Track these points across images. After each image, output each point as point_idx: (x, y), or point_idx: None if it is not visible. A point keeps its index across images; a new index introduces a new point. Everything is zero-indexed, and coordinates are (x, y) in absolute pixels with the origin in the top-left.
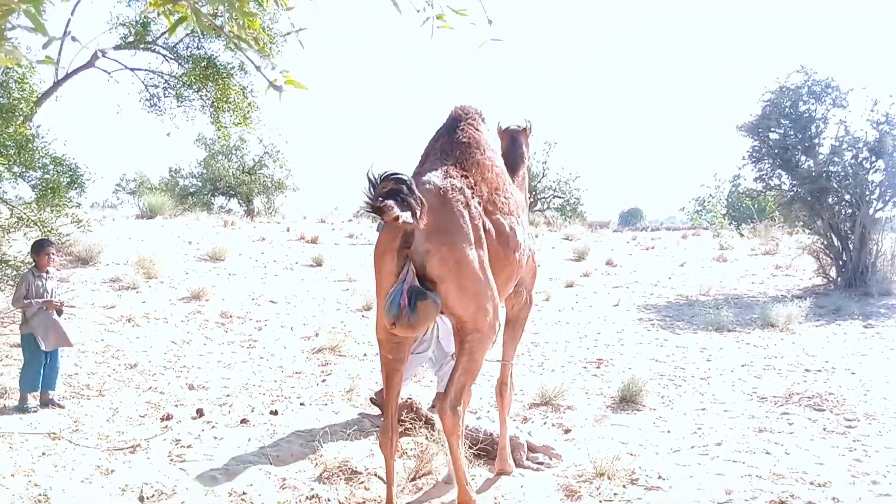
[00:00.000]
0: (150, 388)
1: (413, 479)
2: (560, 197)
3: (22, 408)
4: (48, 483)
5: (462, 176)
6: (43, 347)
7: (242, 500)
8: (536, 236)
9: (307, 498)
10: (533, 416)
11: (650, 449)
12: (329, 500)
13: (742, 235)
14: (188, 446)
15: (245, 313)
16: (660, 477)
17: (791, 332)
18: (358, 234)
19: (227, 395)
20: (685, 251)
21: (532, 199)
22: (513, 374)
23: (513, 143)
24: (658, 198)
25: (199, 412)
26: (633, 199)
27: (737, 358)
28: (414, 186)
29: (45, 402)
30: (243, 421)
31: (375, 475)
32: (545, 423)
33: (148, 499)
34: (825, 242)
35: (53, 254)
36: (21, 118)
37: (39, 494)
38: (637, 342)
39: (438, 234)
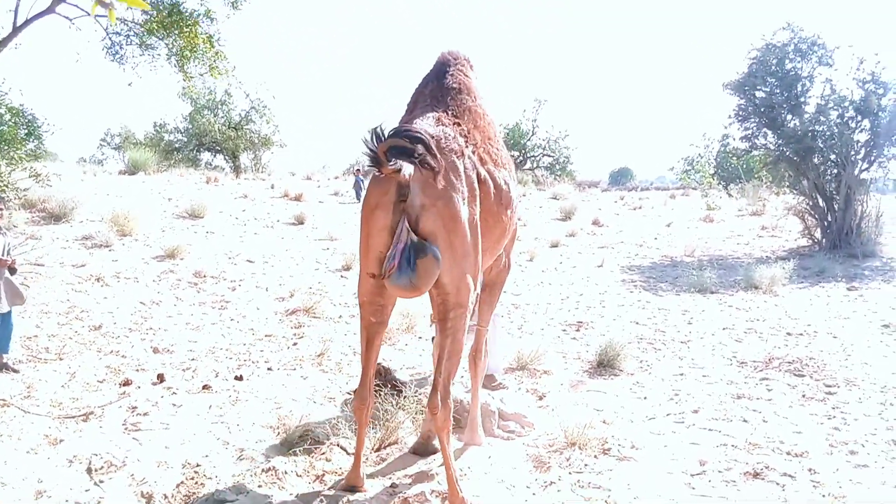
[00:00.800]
0: (113, 351)
1: (378, 450)
2: (549, 155)
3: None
4: None
5: (454, 123)
6: None
7: (196, 472)
8: (524, 195)
9: (263, 470)
10: (508, 382)
11: (625, 417)
12: (286, 472)
13: (730, 196)
14: (144, 414)
15: (219, 273)
16: (633, 446)
17: (774, 295)
18: (344, 192)
19: (192, 360)
20: (672, 211)
21: (521, 158)
22: (487, 341)
23: None
24: (649, 157)
25: (160, 377)
26: (623, 159)
27: (718, 321)
28: (431, 145)
29: (0, 367)
30: (205, 387)
31: (338, 446)
32: (519, 389)
33: (96, 471)
34: (810, 203)
35: (2, 209)
36: None
37: None
38: (619, 304)
39: (434, 188)
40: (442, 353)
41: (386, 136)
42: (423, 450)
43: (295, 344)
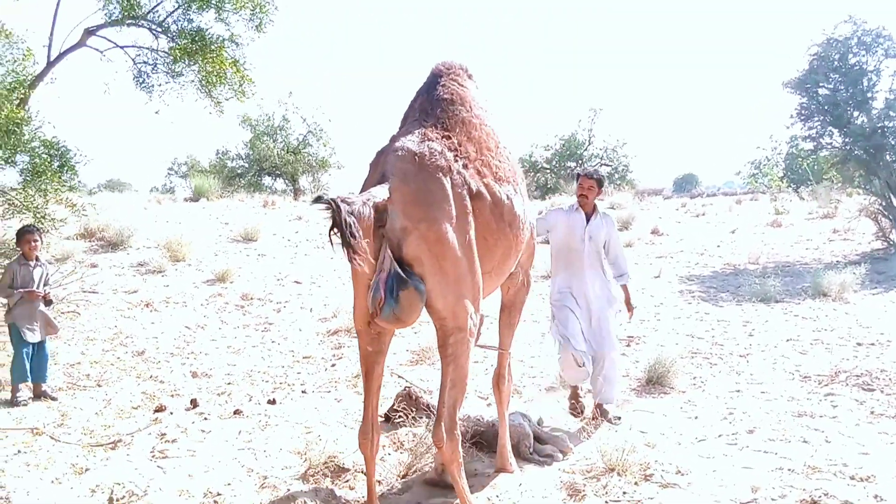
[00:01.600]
0: (152, 377)
1: (405, 476)
2: (607, 164)
3: (13, 401)
4: (15, 484)
5: (443, 137)
6: (26, 338)
7: (215, 501)
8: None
9: (283, 499)
10: (548, 401)
11: (672, 438)
12: (306, 501)
13: (802, 199)
14: (173, 441)
15: (266, 295)
16: (678, 472)
17: (844, 302)
18: None
19: (228, 384)
20: (737, 217)
21: (579, 168)
22: (510, 365)
23: None
24: (716, 162)
25: (194, 403)
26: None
27: (782, 332)
28: (342, 211)
29: (38, 395)
30: (236, 412)
31: (363, 472)
32: (562, 410)
33: (118, 500)
34: (883, 203)
35: (37, 241)
36: (17, 101)
37: (1, 497)
38: (675, 316)
39: (416, 208)
40: (445, 381)
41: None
42: (437, 482)
43: (333, 365)
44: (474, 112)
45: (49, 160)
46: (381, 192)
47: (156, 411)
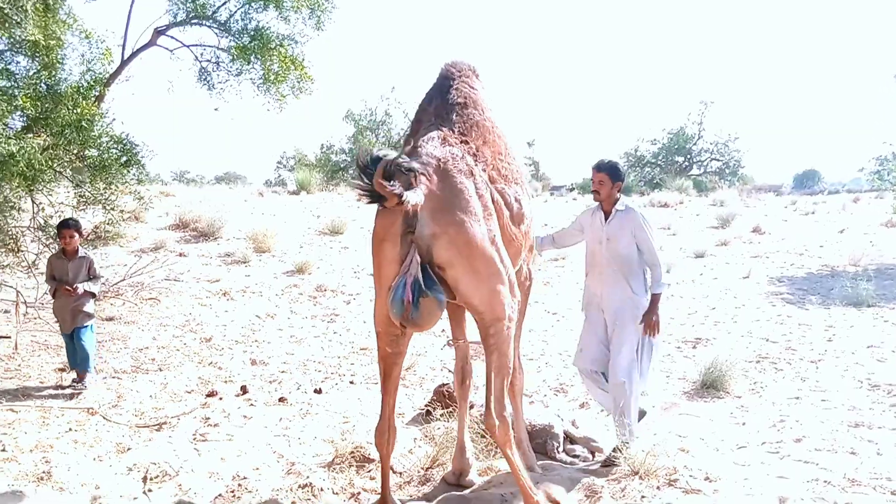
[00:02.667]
0: (212, 363)
1: (429, 468)
2: (718, 159)
3: (73, 384)
4: (59, 459)
5: (462, 142)
6: (61, 330)
7: (239, 484)
8: (681, 203)
9: (300, 486)
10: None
11: (712, 444)
12: (323, 489)
13: None
14: (214, 425)
15: (340, 287)
16: (707, 478)
17: None
18: None
19: (282, 372)
20: (850, 216)
21: (687, 163)
22: (520, 357)
23: None
24: (844, 157)
25: (243, 389)
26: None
27: (865, 338)
28: (414, 164)
29: (79, 381)
30: (281, 399)
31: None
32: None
33: (151, 479)
34: None
35: (73, 236)
36: (93, 99)
37: (43, 472)
38: (754, 319)
39: (444, 214)
40: (490, 370)
41: (376, 167)
42: (454, 481)
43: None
44: (486, 115)
45: (119, 155)
46: (414, 197)
47: (207, 396)
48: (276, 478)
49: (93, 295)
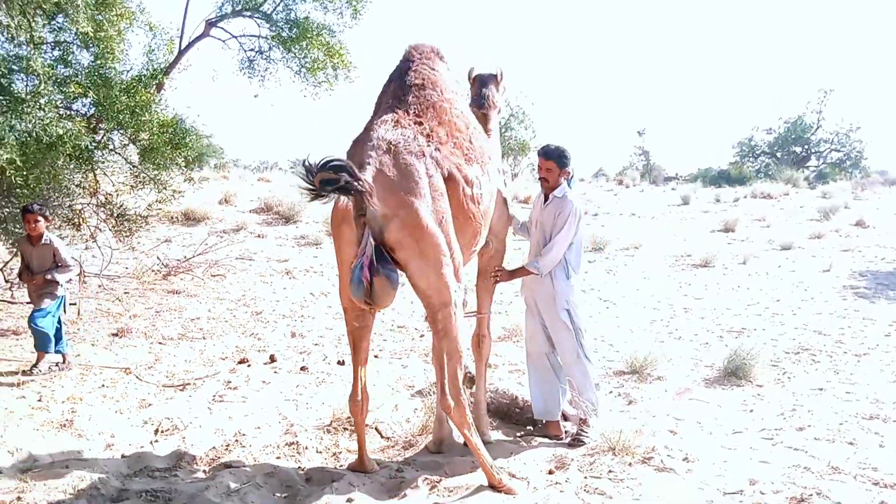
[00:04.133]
0: (253, 334)
1: (418, 435)
2: (838, 150)
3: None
4: (84, 411)
5: (416, 123)
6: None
7: (237, 440)
8: (785, 195)
9: (287, 444)
10: (607, 387)
11: (707, 428)
12: (307, 447)
13: None
14: (234, 388)
15: None
16: (685, 458)
17: None
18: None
19: (315, 345)
20: None
21: (805, 153)
22: (489, 326)
23: (481, 86)
24: None
25: (272, 358)
26: None
27: None
28: (355, 171)
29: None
30: (303, 368)
31: (375, 429)
32: (610, 393)
33: (162, 432)
34: None
35: (38, 221)
36: (154, 86)
37: (67, 420)
38: (816, 312)
39: (394, 196)
40: (441, 354)
41: (316, 168)
42: (434, 449)
43: (422, 336)
44: (445, 96)
45: (170, 138)
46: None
47: (238, 363)
48: (273, 437)
49: (53, 282)
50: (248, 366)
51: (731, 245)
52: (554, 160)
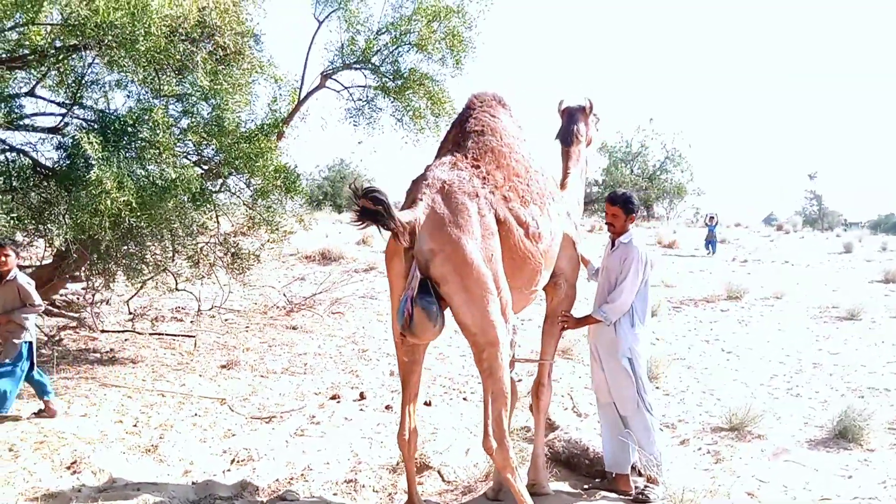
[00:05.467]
0: (353, 370)
1: (481, 481)
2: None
3: None
4: (171, 437)
5: (472, 166)
6: None
7: (303, 474)
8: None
9: (346, 481)
10: (698, 444)
11: (792, 492)
12: (364, 486)
13: None
14: (316, 423)
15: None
16: None
17: None
18: (734, 241)
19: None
20: None
21: None
22: (551, 374)
23: (569, 121)
24: None
25: (362, 395)
26: None
27: None
28: (391, 208)
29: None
30: (387, 407)
31: (438, 472)
32: (699, 449)
33: (238, 462)
34: None
35: (7, 256)
36: (275, 135)
37: (152, 445)
38: None
39: (442, 231)
40: (487, 395)
41: (359, 193)
42: (493, 496)
43: (520, 380)
44: (504, 141)
45: (282, 183)
46: (406, 215)
47: (330, 398)
48: (340, 473)
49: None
50: (338, 402)
51: (887, 297)
52: (620, 206)
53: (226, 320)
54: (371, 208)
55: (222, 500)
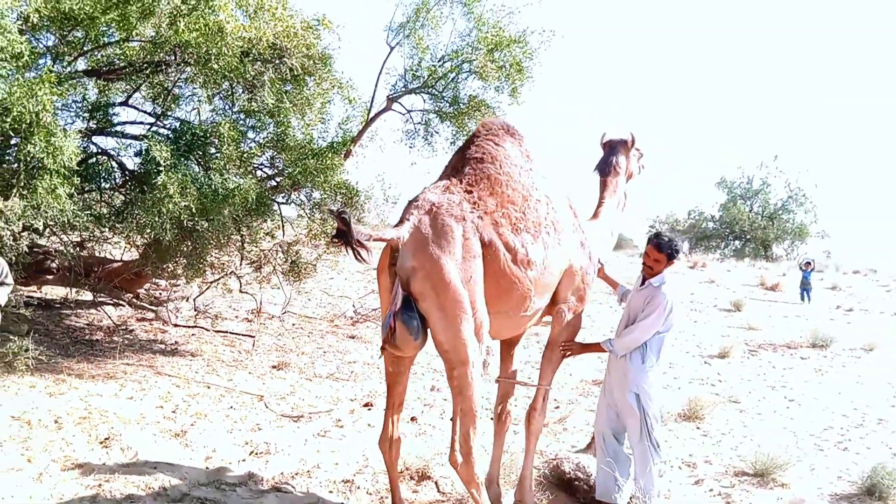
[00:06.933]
0: None
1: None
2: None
3: None
4: (203, 425)
5: (465, 191)
6: None
7: (308, 471)
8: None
9: (343, 481)
10: (713, 485)
11: None
12: (360, 487)
13: None
14: (340, 426)
15: None
16: None
17: None
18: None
19: (445, 400)
20: None
21: None
22: (546, 400)
23: (609, 153)
24: None
25: None
26: None
27: None
28: (352, 226)
29: None
30: (412, 419)
31: (436, 483)
32: (711, 490)
33: (256, 454)
34: None
35: None
36: (343, 153)
37: (182, 430)
38: None
39: (423, 251)
40: (456, 410)
41: (334, 215)
42: None
43: (557, 408)
44: (503, 169)
45: (340, 198)
46: (390, 233)
47: (363, 406)
48: (345, 473)
49: None
50: (370, 409)
51: None
52: (665, 254)
53: (293, 325)
54: (342, 228)
55: (227, 486)
